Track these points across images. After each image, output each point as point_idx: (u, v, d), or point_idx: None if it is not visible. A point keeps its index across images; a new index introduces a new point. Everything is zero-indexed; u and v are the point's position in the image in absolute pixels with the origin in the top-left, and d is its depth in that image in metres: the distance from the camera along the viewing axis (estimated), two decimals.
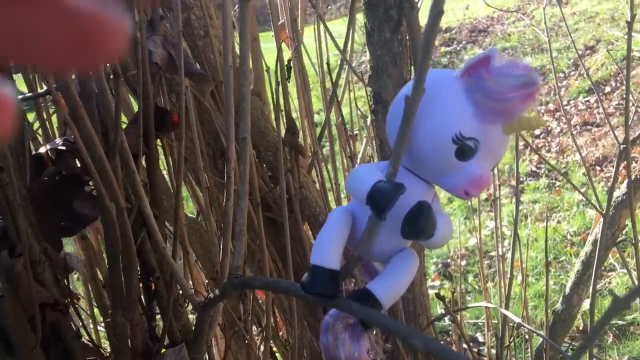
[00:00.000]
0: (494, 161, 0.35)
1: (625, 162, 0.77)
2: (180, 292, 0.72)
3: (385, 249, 0.38)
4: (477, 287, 2.51)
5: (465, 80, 0.33)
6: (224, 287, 0.46)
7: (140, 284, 0.69)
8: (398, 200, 0.33)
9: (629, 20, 0.66)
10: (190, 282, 0.90)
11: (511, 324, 1.19)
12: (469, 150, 0.34)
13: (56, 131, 0.90)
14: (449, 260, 2.67)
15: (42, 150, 0.70)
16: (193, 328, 0.75)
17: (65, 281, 0.70)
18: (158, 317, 0.77)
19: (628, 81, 0.77)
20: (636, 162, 1.11)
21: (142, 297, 0.72)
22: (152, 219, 0.60)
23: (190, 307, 0.78)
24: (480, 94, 0.33)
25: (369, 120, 1.09)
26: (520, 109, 0.32)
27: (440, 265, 2.73)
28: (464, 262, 2.71)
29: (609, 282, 2.34)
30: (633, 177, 1.05)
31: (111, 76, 0.59)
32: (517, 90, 0.32)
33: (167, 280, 0.68)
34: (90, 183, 0.68)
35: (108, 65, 0.59)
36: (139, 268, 0.66)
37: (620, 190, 1.11)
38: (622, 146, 0.74)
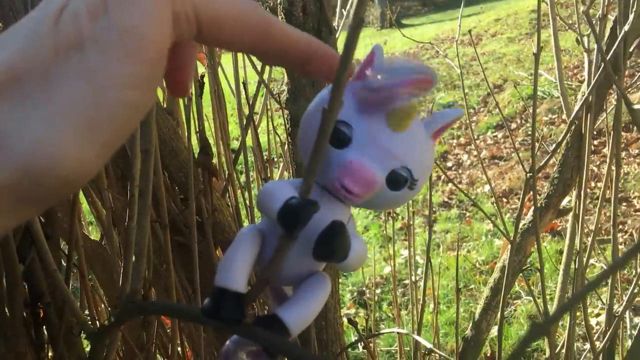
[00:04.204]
0: (387, 158, 0.33)
1: (532, 190, 0.79)
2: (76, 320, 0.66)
3: (296, 272, 0.36)
4: (391, 315, 2.54)
5: (354, 80, 0.33)
6: (119, 314, 0.42)
7: (28, 310, 0.62)
8: (311, 219, 0.30)
9: (535, 52, 0.69)
10: (91, 309, 0.83)
11: (423, 351, 1.19)
12: (342, 136, 0.32)
13: None
14: (364, 289, 2.68)
15: None
16: None
17: None
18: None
19: (534, 113, 0.80)
20: (539, 193, 1.16)
21: (29, 324, 0.66)
22: (41, 237, 0.54)
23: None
24: (361, 85, 0.32)
25: (286, 145, 1.08)
26: (401, 96, 0.31)
27: (355, 294, 2.74)
28: (379, 290, 2.73)
29: (515, 310, 2.43)
30: (538, 205, 1.09)
31: None
32: (399, 78, 0.31)
33: (58, 306, 0.62)
34: None
35: None
36: (27, 292, 0.60)
37: (526, 218, 1.16)
38: (528, 174, 0.76)
